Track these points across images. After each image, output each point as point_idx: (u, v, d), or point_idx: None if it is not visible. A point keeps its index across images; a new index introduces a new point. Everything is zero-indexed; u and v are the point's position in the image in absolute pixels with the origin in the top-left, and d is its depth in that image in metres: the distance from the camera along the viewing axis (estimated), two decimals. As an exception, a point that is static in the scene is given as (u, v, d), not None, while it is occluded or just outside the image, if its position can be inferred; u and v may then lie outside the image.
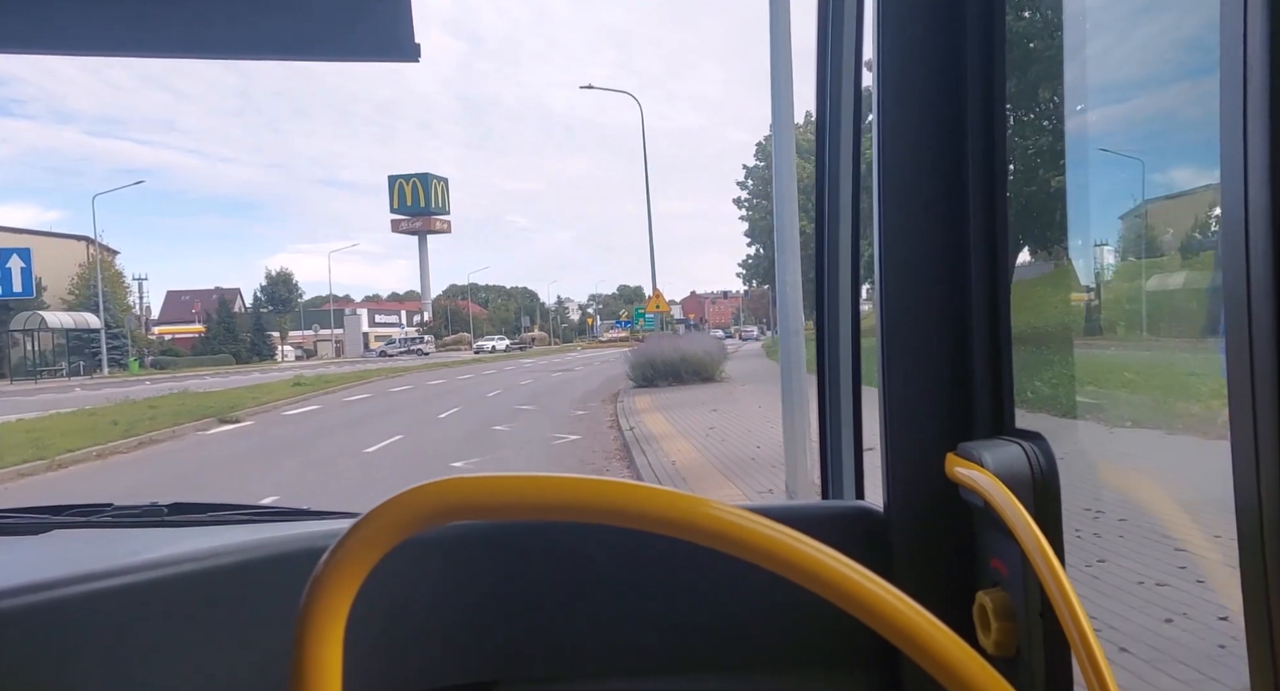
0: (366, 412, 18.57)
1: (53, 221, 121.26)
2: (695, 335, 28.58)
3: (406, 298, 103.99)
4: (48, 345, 43.35)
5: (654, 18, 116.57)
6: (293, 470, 10.90)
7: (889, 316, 1.19)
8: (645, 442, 11.44)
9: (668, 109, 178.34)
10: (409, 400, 21.51)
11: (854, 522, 1.27)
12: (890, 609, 0.49)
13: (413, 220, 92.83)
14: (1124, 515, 4.17)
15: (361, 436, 13.72)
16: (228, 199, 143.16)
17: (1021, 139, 5.05)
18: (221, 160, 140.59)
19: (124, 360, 44.54)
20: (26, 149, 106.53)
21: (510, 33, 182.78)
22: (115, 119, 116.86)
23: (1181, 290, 3.22)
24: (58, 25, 0.89)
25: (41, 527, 1.32)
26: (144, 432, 14.37)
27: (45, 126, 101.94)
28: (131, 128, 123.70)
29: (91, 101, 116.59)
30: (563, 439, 13.01)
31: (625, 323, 70.21)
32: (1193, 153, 2.06)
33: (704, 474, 9.00)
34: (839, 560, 0.49)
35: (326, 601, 0.50)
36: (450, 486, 0.50)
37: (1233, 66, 0.60)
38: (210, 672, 1.01)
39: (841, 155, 1.51)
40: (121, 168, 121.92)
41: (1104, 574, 3.76)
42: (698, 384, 21.31)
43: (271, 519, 1.37)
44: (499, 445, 12.61)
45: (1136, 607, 3.43)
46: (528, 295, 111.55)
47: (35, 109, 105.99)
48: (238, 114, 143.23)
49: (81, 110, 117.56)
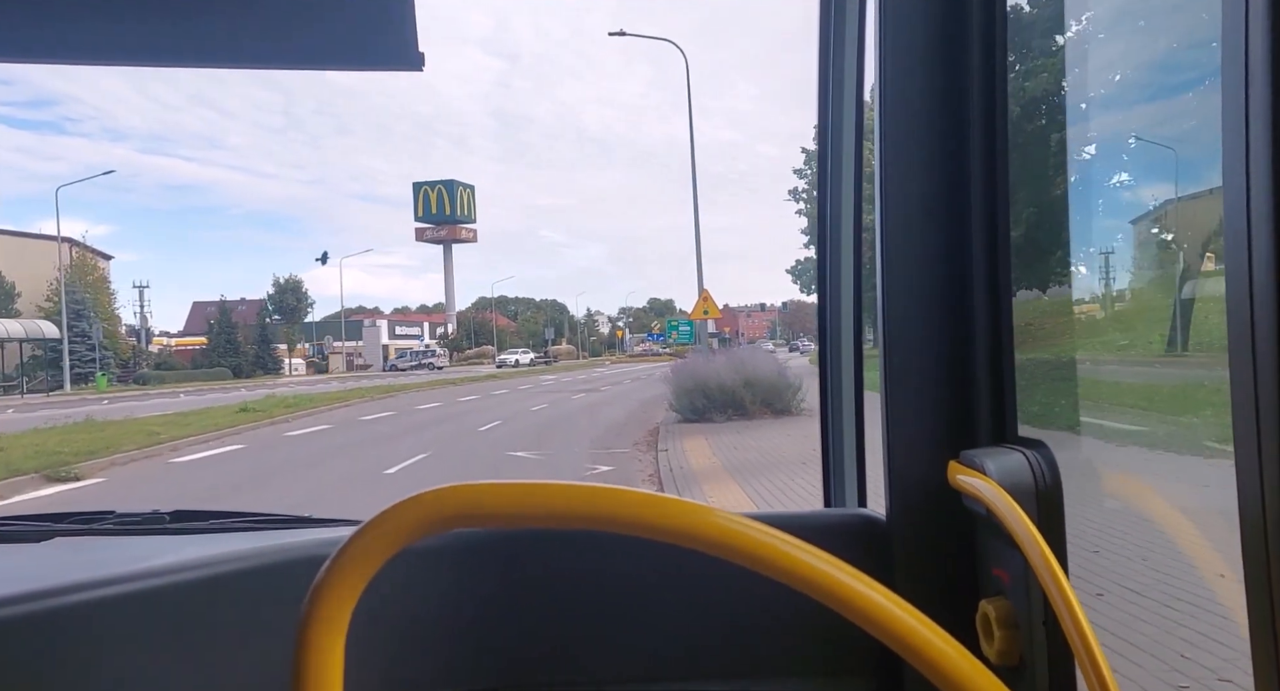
0: (298, 457, 12.99)
1: (102, 235, 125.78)
2: (751, 350, 22.58)
3: (434, 310, 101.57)
4: (24, 355, 38.60)
5: (690, 35, 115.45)
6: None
7: (891, 323, 1.20)
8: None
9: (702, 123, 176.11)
10: (375, 436, 15.80)
11: (856, 530, 1.29)
12: (892, 617, 0.49)
13: (437, 229, 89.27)
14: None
15: (255, 501, 8.07)
16: (268, 214, 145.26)
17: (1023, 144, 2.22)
18: (264, 176, 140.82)
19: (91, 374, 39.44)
20: (80, 165, 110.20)
21: (546, 51, 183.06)
22: (163, 136, 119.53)
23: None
24: (71, 35, 0.91)
25: (43, 535, 1.33)
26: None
27: (97, 144, 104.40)
28: (179, 145, 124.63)
29: (142, 119, 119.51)
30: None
31: (657, 336, 65.75)
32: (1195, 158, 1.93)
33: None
34: (841, 568, 0.49)
35: (328, 609, 0.50)
36: (451, 494, 0.50)
37: (1234, 71, 0.60)
38: (211, 679, 0.99)
39: (844, 162, 1.51)
40: (169, 183, 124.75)
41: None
42: (767, 417, 15.35)
43: (273, 526, 1.37)
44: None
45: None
46: (556, 308, 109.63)
47: (89, 127, 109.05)
48: (280, 131, 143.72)
49: (132, 128, 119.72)
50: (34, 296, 43.40)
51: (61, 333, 37.33)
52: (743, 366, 16.60)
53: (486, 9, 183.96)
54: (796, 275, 46.97)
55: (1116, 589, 2.93)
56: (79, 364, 39.79)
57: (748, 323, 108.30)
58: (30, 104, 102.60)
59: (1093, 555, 2.58)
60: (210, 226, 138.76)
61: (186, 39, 0.94)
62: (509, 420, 18.03)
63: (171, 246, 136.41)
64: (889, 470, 1.20)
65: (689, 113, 22.49)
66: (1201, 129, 1.50)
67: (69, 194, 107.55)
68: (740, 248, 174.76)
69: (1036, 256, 3.28)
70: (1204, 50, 1.10)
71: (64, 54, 0.95)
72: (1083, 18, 2.29)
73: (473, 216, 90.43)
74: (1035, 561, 0.85)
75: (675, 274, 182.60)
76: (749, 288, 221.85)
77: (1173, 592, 2.94)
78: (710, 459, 10.66)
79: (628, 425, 16.46)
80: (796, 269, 46.48)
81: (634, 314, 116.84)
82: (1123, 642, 2.82)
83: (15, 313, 41.55)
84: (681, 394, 16.23)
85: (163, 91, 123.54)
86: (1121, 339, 3.28)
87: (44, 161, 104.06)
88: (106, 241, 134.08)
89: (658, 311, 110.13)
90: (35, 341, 38.60)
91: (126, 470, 11.88)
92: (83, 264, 45.53)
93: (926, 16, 1.17)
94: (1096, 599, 2.71)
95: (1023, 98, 3.20)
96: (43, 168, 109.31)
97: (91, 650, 0.97)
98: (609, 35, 22.37)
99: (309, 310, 67.35)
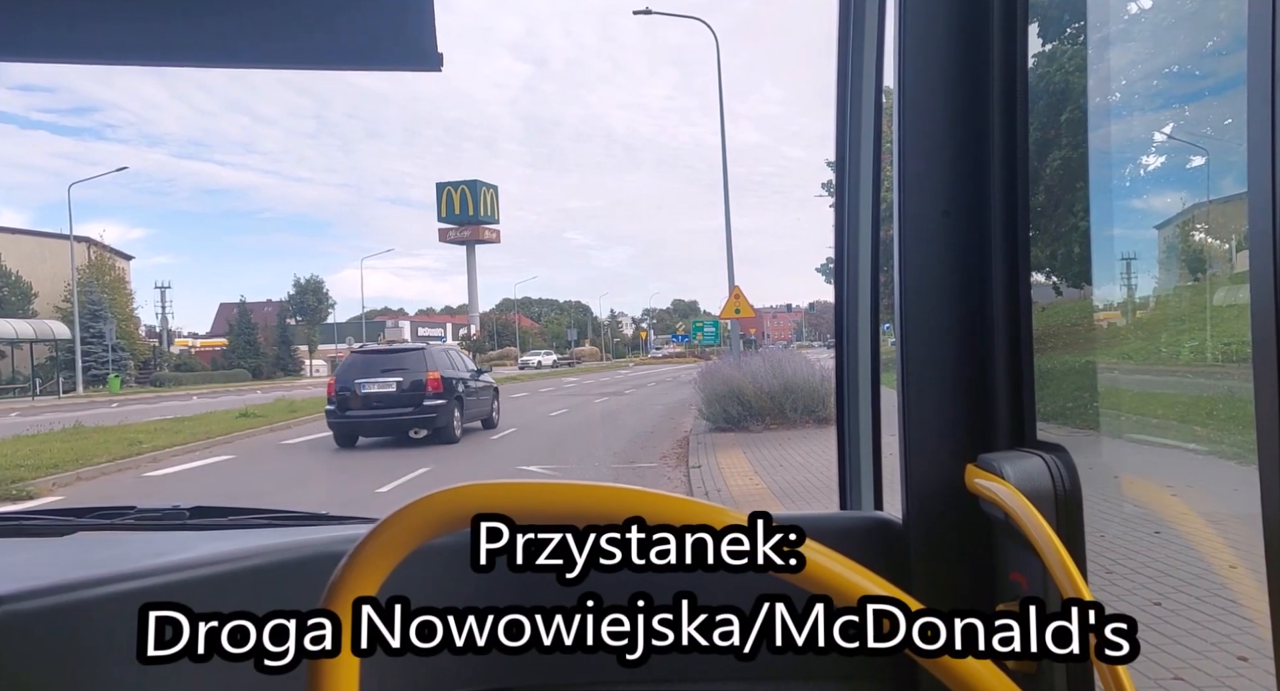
0: (286, 471, 11.69)
1: (137, 239, 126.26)
2: (788, 353, 20.96)
3: (459, 311, 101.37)
4: (42, 356, 37.94)
5: (720, 38, 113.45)
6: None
7: (909, 325, 1.19)
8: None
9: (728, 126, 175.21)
10: (376, 445, 14.44)
11: (872, 533, 1.29)
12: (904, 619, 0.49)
13: (460, 229, 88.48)
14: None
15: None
16: (301, 217, 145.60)
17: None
18: (297, 180, 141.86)
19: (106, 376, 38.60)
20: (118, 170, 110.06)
21: (575, 55, 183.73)
22: (200, 142, 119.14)
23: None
24: (94, 35, 0.92)
25: (66, 529, 1.37)
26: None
27: (136, 149, 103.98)
28: (215, 150, 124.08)
29: (179, 125, 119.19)
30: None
31: (682, 337, 64.48)
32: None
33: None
34: (857, 570, 0.50)
35: (344, 605, 0.51)
36: (467, 493, 0.51)
37: (1260, 77, 0.60)
38: (230, 674, 0.97)
39: (863, 164, 1.50)
40: (205, 187, 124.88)
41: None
42: (809, 427, 13.77)
43: (291, 523, 1.41)
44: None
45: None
46: (580, 309, 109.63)
47: (127, 133, 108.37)
48: (313, 136, 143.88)
49: (170, 134, 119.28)
50: (52, 297, 42.78)
51: (74, 333, 36.56)
52: (780, 369, 15.02)
53: (517, 14, 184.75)
54: (828, 275, 45.53)
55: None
56: (95, 365, 39.04)
57: (774, 324, 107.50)
58: (73, 111, 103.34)
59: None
60: (244, 230, 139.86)
61: (203, 38, 0.94)
62: (525, 428, 16.60)
63: (206, 249, 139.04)
64: (906, 473, 1.20)
65: (719, 97, 21.06)
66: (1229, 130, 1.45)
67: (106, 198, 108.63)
68: (765, 250, 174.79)
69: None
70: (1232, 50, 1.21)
71: (87, 53, 0.97)
72: (1107, 17, 2.18)
73: (496, 217, 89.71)
74: (1053, 566, 0.85)
75: (700, 276, 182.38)
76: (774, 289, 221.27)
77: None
78: (751, 479, 9.11)
79: (654, 434, 14.98)
80: (826, 268, 45.03)
81: (658, 315, 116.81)
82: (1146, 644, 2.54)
83: (32, 313, 40.86)
84: (713, 400, 14.69)
85: (200, 98, 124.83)
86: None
87: (86, 166, 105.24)
88: (142, 245, 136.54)
89: (682, 312, 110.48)
90: (46, 342, 37.88)
91: (90, 487, 10.58)
92: (100, 264, 44.90)
93: (946, 17, 1.17)
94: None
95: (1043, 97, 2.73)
96: (84, 173, 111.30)
97: (112, 643, 0.99)
98: (634, 14, 20.90)
99: (330, 311, 66.82)
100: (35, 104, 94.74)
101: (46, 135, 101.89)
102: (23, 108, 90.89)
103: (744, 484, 8.82)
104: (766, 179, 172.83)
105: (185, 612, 0.61)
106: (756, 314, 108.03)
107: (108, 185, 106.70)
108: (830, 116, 1.60)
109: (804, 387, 14.48)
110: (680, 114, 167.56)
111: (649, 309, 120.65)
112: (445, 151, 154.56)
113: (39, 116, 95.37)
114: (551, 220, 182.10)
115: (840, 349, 1.59)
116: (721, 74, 21.75)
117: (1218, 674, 2.64)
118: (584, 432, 16.09)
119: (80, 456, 11.86)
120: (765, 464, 10.25)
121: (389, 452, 13.38)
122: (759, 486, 8.68)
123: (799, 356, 19.20)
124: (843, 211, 1.53)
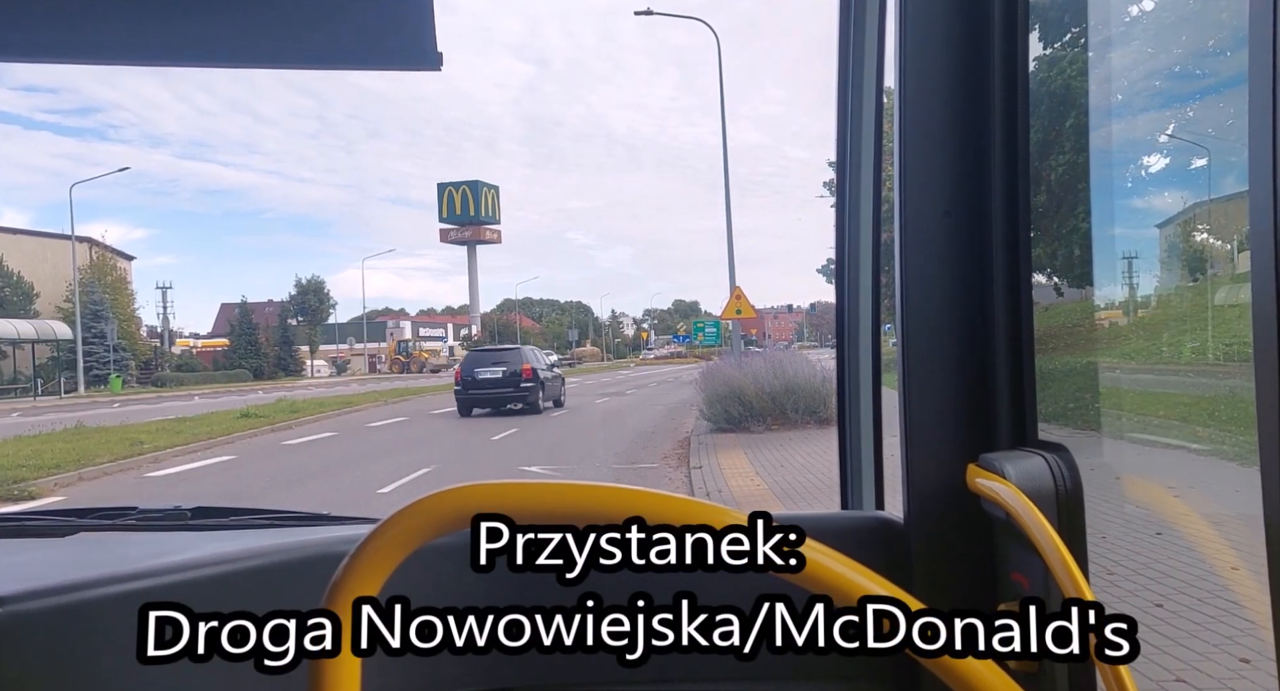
0: (286, 472, 11.70)
1: (139, 239, 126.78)
2: (790, 354, 20.93)
3: (460, 312, 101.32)
4: (43, 357, 37.93)
5: (721, 39, 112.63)
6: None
7: (910, 324, 1.19)
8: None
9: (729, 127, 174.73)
10: (377, 447, 14.44)
11: (873, 533, 1.30)
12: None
13: (461, 229, 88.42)
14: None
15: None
16: (303, 217, 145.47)
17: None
18: (299, 180, 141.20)
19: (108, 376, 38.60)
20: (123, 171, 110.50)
21: (576, 56, 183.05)
22: (203, 142, 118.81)
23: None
24: (94, 35, 0.92)
25: (67, 530, 1.36)
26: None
27: (138, 149, 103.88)
28: (218, 150, 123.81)
29: (181, 126, 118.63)
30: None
31: (683, 337, 64.46)
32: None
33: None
34: (857, 570, 0.50)
35: (344, 605, 0.51)
36: (467, 493, 0.51)
37: (1261, 76, 0.59)
38: (231, 674, 0.98)
39: (863, 164, 1.49)
40: (207, 188, 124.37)
41: None
42: (811, 427, 13.76)
43: (292, 524, 1.41)
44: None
45: None
46: (581, 309, 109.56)
47: (130, 134, 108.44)
48: (315, 136, 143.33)
49: (172, 134, 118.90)
50: (53, 297, 42.78)
51: (76, 334, 36.56)
52: (781, 370, 15.00)
53: (517, 14, 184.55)
54: (829, 275, 45.49)
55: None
56: (97, 365, 39.04)
57: (775, 324, 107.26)
58: (76, 111, 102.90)
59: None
60: (246, 230, 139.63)
61: (205, 38, 0.94)
62: (525, 428, 16.60)
63: (207, 250, 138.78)
64: (907, 472, 1.20)
65: (720, 97, 21.06)
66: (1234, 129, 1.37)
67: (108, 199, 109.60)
68: (766, 250, 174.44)
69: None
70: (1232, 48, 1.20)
71: (90, 54, 0.97)
72: (1108, 18, 2.17)
73: (497, 217, 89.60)
74: (1055, 566, 0.85)
75: (701, 277, 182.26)
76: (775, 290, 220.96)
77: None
78: (753, 480, 9.11)
79: (655, 434, 14.98)
80: (827, 268, 45.00)
81: (658, 315, 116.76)
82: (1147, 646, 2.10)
83: (34, 313, 40.82)
84: (714, 401, 14.68)
85: (202, 98, 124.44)
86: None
87: (89, 167, 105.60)
88: (144, 245, 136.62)
89: (682, 313, 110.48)
90: (48, 342, 37.88)
91: (91, 487, 10.59)
92: (102, 264, 44.91)
93: (947, 17, 1.16)
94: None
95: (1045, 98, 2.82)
96: (87, 173, 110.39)
97: (114, 644, 0.98)
98: (635, 14, 20.89)
99: (331, 311, 66.78)
100: (39, 105, 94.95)
101: (50, 136, 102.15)
102: (26, 108, 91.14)
103: (745, 484, 8.82)
104: (767, 179, 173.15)
105: (185, 612, 0.61)
106: (757, 314, 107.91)
107: (110, 186, 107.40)
108: (831, 117, 1.60)
109: (805, 388, 14.47)
110: (681, 114, 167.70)
111: (650, 309, 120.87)
112: (446, 152, 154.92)
113: (42, 117, 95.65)
114: (552, 220, 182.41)
115: (841, 349, 1.58)
116: (722, 74, 21.75)
117: (1220, 676, 2.63)
118: (584, 432, 16.14)
119: (82, 457, 11.87)
120: (766, 464, 10.24)
121: (392, 451, 13.41)
122: (760, 487, 8.68)
123: (800, 357, 19.19)
124: (844, 212, 1.53)
